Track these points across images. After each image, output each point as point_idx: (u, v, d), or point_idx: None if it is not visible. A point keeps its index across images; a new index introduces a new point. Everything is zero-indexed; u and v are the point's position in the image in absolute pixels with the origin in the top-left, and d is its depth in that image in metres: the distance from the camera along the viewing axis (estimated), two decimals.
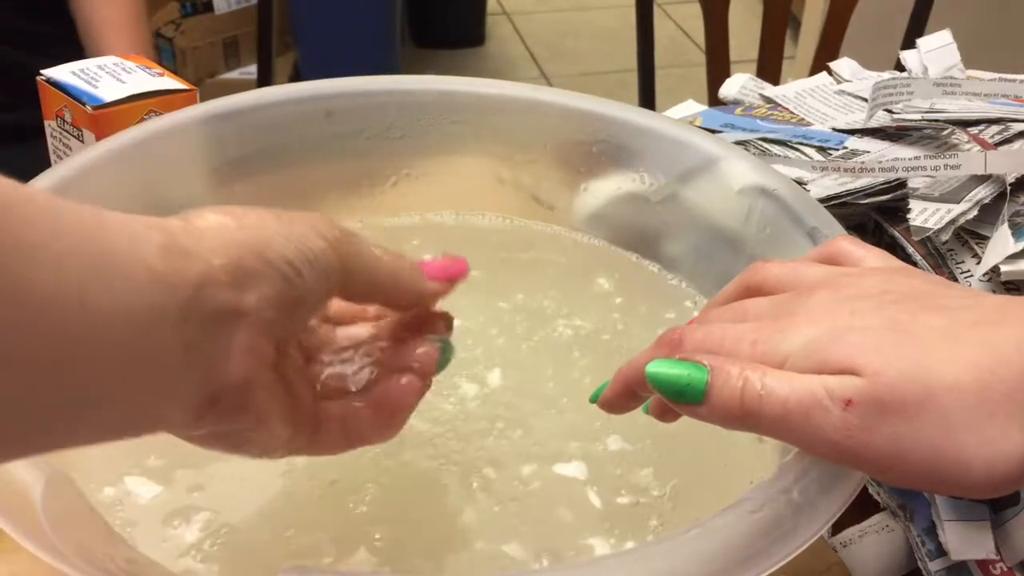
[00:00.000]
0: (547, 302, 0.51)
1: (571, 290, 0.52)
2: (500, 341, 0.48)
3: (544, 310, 0.50)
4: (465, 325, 0.48)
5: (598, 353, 0.48)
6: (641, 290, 0.52)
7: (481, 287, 0.50)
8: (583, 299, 0.51)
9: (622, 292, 0.52)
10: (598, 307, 0.51)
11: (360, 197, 0.55)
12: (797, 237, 0.44)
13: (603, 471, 0.41)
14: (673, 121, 0.53)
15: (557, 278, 0.53)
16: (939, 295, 0.30)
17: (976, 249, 0.45)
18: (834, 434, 0.28)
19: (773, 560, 0.29)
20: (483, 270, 0.52)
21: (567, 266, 0.54)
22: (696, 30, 2.36)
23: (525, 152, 0.54)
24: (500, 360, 0.47)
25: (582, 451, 0.42)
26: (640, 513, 0.40)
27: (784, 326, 0.30)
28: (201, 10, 1.96)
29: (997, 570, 0.40)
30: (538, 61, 2.48)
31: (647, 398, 0.34)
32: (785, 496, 0.30)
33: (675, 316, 0.50)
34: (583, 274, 0.53)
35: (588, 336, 0.49)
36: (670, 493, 0.40)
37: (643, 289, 0.52)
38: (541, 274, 0.53)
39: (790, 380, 0.29)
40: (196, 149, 0.50)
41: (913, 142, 0.53)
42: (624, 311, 0.50)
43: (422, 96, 0.53)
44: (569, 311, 0.50)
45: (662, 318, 0.50)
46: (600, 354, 0.48)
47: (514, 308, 0.50)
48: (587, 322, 0.49)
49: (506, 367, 0.46)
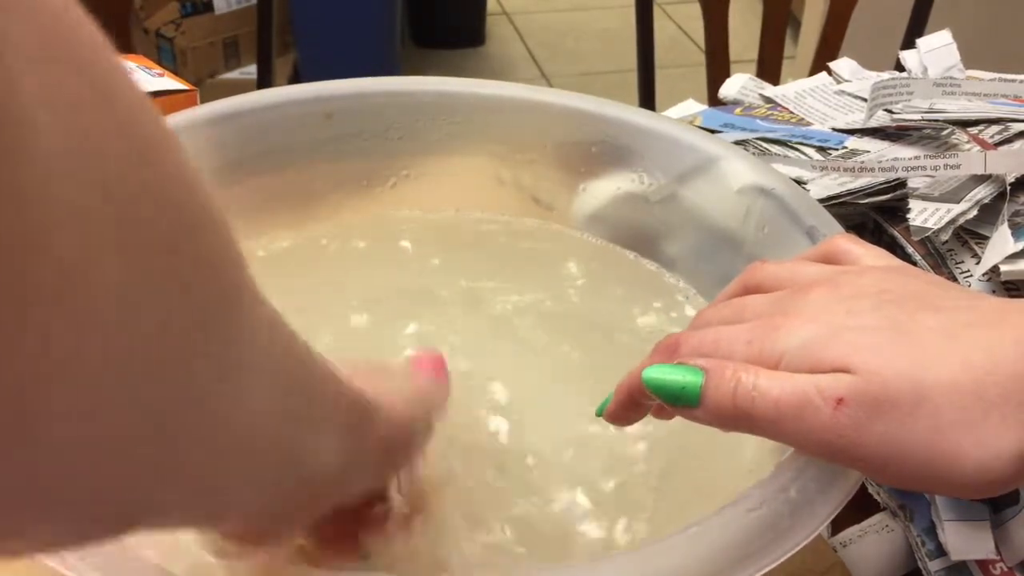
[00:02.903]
0: (547, 299, 0.51)
1: (574, 287, 0.52)
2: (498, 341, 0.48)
3: (544, 306, 0.50)
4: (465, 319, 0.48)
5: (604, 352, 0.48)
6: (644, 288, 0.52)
7: (482, 287, 0.50)
8: (586, 295, 0.51)
9: (625, 287, 0.52)
10: (598, 302, 0.51)
11: (360, 198, 0.55)
12: (796, 237, 0.44)
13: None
14: (673, 121, 0.53)
15: (557, 275, 0.53)
16: (937, 295, 0.30)
17: (976, 249, 0.45)
18: (825, 433, 0.28)
19: (771, 558, 0.29)
20: (485, 268, 0.52)
21: (569, 262, 0.54)
22: (696, 30, 2.36)
23: (524, 152, 0.54)
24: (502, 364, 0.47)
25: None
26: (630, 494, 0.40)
27: (779, 324, 0.30)
28: (201, 10, 1.97)
29: (997, 570, 0.40)
30: (538, 61, 2.48)
31: (650, 407, 0.34)
32: (783, 494, 0.30)
33: (661, 305, 0.50)
34: (585, 271, 0.53)
35: (592, 330, 0.49)
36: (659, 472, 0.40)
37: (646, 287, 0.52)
38: (542, 270, 0.53)
39: (782, 380, 0.29)
40: (196, 151, 0.50)
41: (913, 142, 0.53)
42: (626, 303, 0.50)
43: (421, 97, 0.53)
44: (569, 306, 0.50)
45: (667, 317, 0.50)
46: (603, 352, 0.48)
47: (515, 306, 0.50)
48: (592, 317, 0.49)
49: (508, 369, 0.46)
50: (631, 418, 0.35)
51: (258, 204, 0.51)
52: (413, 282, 0.51)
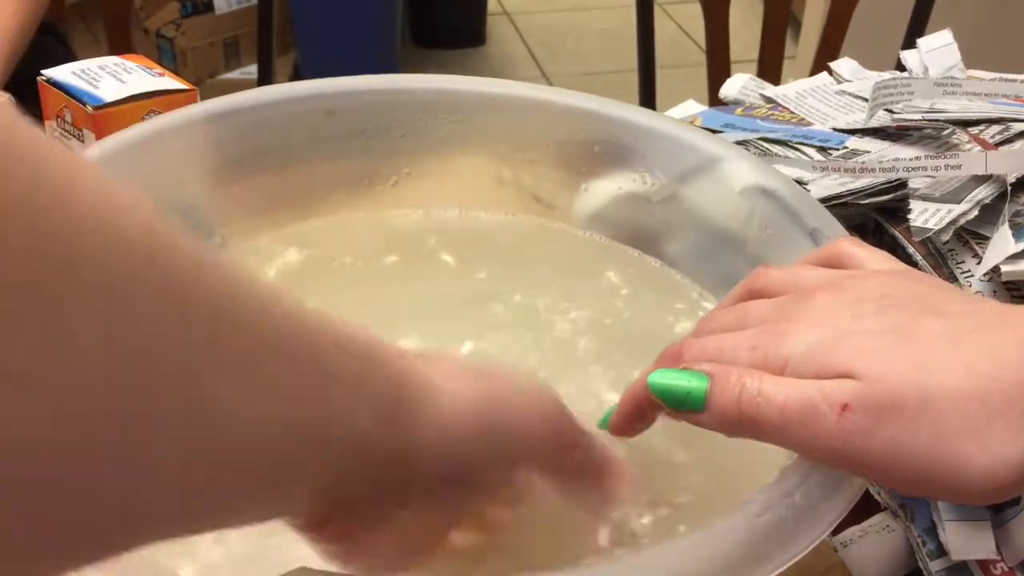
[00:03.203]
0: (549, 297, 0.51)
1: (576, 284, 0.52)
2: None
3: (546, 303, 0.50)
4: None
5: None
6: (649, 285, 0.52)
7: (484, 285, 0.50)
8: (588, 292, 0.51)
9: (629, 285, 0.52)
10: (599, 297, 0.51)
11: (360, 196, 0.54)
12: (798, 237, 0.43)
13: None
14: (674, 121, 0.53)
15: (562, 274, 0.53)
16: (941, 300, 0.30)
17: (977, 249, 0.45)
18: (830, 440, 0.28)
19: (775, 564, 0.29)
20: (488, 267, 0.52)
21: (572, 261, 0.54)
22: (696, 30, 2.36)
23: (526, 152, 0.54)
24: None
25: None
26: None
27: (784, 330, 0.30)
28: (201, 10, 1.97)
29: (998, 570, 0.40)
30: (538, 61, 2.48)
31: (655, 417, 0.34)
32: (787, 500, 0.30)
33: (684, 306, 0.50)
34: (586, 268, 0.53)
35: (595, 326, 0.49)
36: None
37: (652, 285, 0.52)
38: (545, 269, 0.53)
39: (787, 386, 0.29)
40: (196, 149, 0.49)
41: (913, 142, 0.53)
42: (629, 301, 0.50)
43: (422, 95, 0.53)
44: (572, 304, 0.50)
45: (671, 307, 0.50)
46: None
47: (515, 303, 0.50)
48: (592, 313, 0.49)
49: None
50: (636, 429, 0.35)
51: (257, 203, 0.51)
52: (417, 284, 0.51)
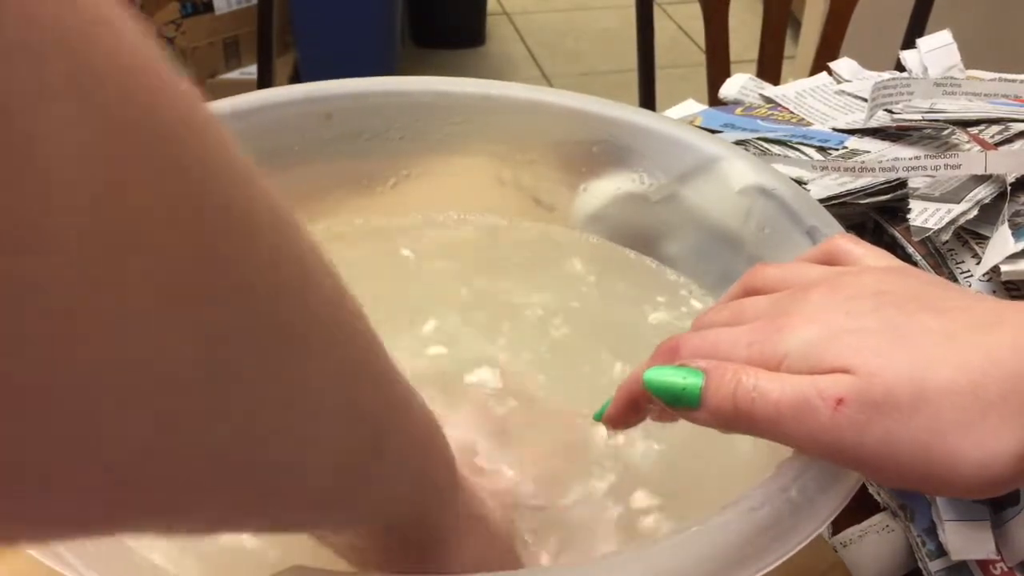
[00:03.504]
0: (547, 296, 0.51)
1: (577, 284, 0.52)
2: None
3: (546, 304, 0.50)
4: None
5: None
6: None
7: (484, 286, 0.50)
8: (588, 293, 0.51)
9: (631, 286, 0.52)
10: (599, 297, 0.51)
11: (360, 198, 0.54)
12: (797, 237, 0.44)
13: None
14: (673, 121, 0.53)
15: (561, 274, 0.53)
16: (937, 296, 0.30)
17: (976, 249, 0.45)
18: (825, 435, 0.28)
19: (772, 558, 0.29)
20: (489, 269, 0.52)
21: (571, 262, 0.54)
22: (696, 30, 2.36)
23: (525, 152, 0.54)
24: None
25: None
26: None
27: (780, 326, 0.30)
28: (201, 10, 1.96)
29: (997, 570, 0.40)
30: (538, 61, 2.48)
31: (649, 411, 0.34)
32: (784, 494, 0.30)
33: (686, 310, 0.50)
34: (588, 269, 0.53)
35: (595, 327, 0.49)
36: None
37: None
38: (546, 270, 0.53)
39: (782, 381, 0.29)
40: None
41: (913, 142, 0.53)
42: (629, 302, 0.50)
43: (421, 97, 0.53)
44: (572, 304, 0.50)
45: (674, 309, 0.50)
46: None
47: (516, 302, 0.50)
48: (593, 313, 0.49)
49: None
50: (630, 421, 0.35)
51: None
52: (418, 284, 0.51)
